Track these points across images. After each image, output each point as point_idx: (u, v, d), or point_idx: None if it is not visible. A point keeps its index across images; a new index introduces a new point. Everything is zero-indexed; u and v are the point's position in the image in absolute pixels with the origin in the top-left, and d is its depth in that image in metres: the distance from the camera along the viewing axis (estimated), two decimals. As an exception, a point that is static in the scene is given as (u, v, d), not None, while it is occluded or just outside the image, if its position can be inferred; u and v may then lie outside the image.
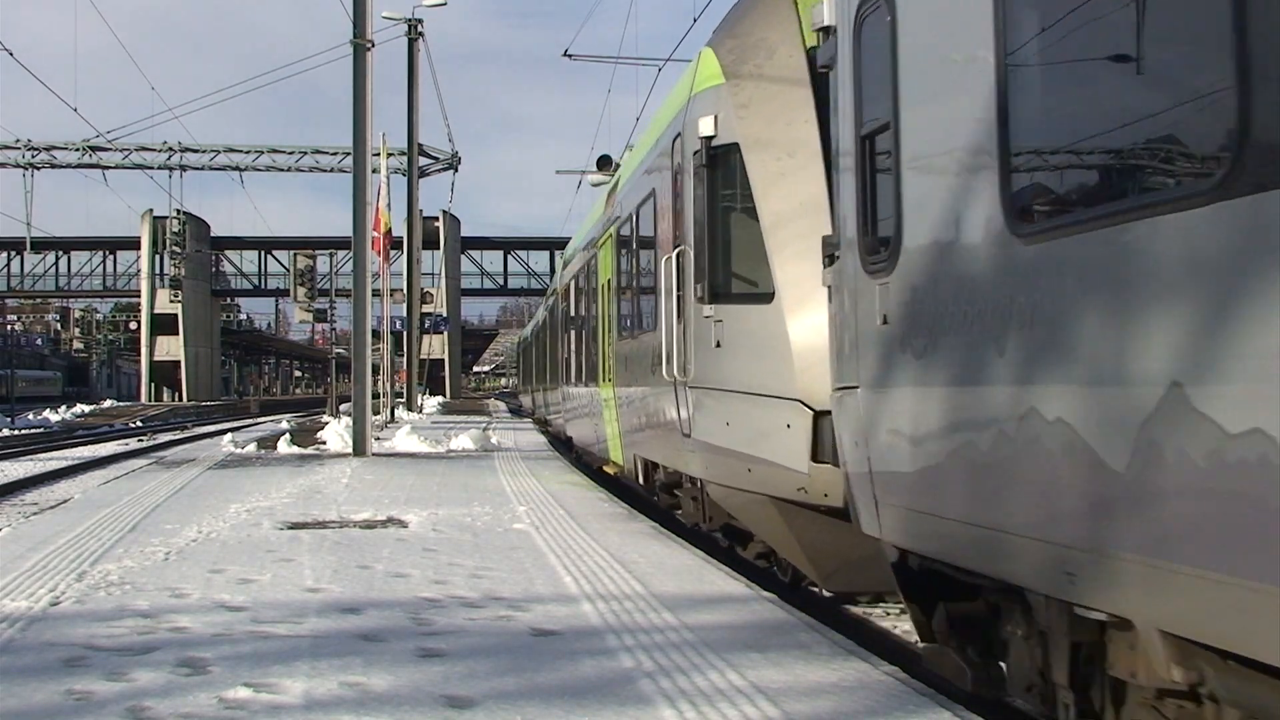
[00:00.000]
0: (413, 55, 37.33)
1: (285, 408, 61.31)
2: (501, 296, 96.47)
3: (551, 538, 9.03)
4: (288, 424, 30.07)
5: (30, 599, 6.54)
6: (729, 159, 8.21)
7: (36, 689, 4.63)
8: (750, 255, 7.98)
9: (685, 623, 5.82)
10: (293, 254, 46.78)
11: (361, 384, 18.72)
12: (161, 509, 11.15)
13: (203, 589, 6.85)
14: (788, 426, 7.28)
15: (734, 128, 8.14)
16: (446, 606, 6.30)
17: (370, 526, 9.77)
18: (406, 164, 40.24)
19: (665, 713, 4.29)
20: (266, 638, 5.56)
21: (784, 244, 7.63)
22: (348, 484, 13.57)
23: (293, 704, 4.44)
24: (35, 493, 18.45)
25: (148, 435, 35.57)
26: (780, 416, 7.36)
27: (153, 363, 73.36)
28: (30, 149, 62.47)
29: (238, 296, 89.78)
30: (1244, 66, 2.89)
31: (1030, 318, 3.88)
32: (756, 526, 8.46)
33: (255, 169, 65.80)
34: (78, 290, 79.92)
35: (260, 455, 19.28)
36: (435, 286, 67.91)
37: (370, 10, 19.04)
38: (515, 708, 4.35)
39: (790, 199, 7.74)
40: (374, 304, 23.71)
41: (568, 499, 12.03)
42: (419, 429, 22.64)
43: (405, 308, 39.03)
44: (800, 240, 7.41)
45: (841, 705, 4.40)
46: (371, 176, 19.95)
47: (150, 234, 70.86)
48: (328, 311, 46.69)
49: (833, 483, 6.77)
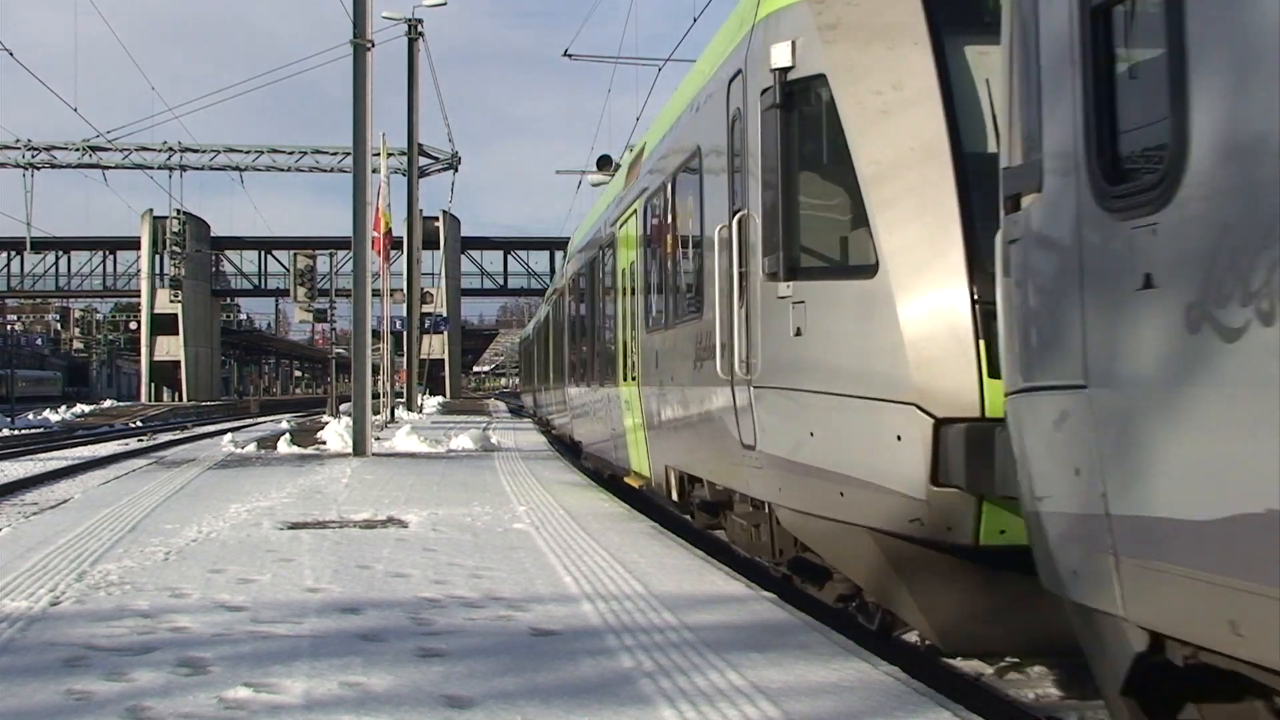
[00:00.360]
0: (413, 55, 37.34)
1: (285, 408, 61.30)
2: (501, 296, 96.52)
3: (551, 538, 9.03)
4: (288, 424, 30.06)
5: (30, 599, 6.54)
6: (812, 95, 6.58)
7: (36, 689, 4.63)
8: (843, 217, 6.39)
9: (685, 622, 5.82)
10: (293, 254, 46.78)
11: (361, 384, 18.72)
12: (161, 509, 11.14)
13: (203, 589, 6.85)
14: (898, 438, 5.70)
15: (819, 55, 6.43)
16: (446, 606, 6.30)
17: (370, 526, 9.77)
18: (406, 164, 40.24)
19: (665, 713, 4.29)
20: (266, 638, 5.56)
21: (891, 200, 5.96)
22: (348, 484, 13.57)
23: (293, 704, 4.44)
24: (35, 493, 18.45)
25: (148, 435, 35.57)
26: (887, 425, 5.79)
27: (153, 363, 73.35)
28: (30, 149, 62.48)
29: (238, 296, 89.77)
30: None
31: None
32: (845, 564, 6.79)
33: (255, 169, 65.85)
34: (78, 290, 79.89)
35: (260, 455, 19.27)
36: (435, 286, 67.92)
37: (370, 10, 19.04)
38: (515, 708, 4.35)
39: (897, 143, 6.05)
40: (374, 304, 23.71)
41: (568, 499, 12.02)
42: (419, 429, 22.62)
43: (405, 308, 39.04)
44: (912, 196, 5.90)
45: (842, 705, 4.40)
46: (371, 176, 19.94)
47: (150, 234, 70.87)
48: (328, 311, 46.70)
49: (959, 512, 5.47)
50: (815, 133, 6.66)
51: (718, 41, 8.91)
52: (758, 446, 7.28)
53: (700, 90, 9.13)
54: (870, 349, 5.99)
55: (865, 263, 6.05)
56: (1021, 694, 6.42)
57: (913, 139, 6.01)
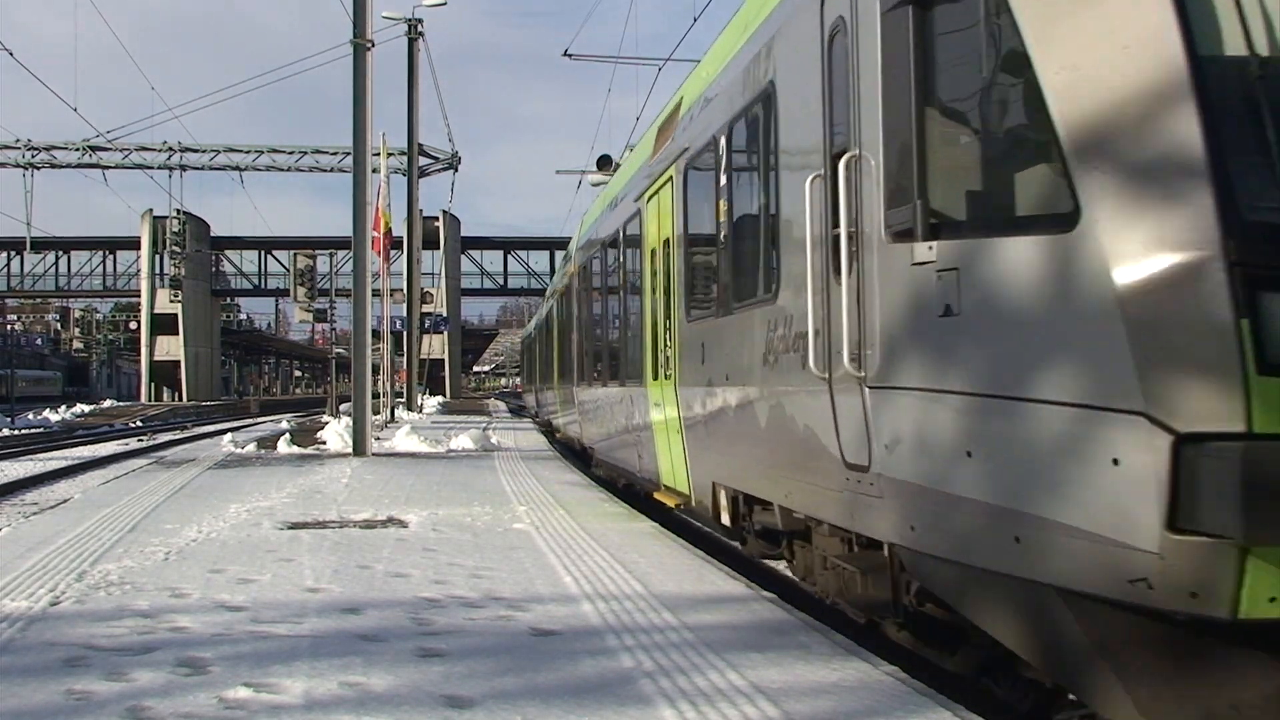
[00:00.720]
0: (413, 55, 37.33)
1: (285, 408, 61.32)
2: (501, 296, 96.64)
3: (551, 537, 9.02)
4: (288, 424, 30.08)
5: (30, 599, 6.54)
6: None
7: (36, 689, 4.63)
8: (1019, 148, 4.65)
9: (685, 622, 5.82)
10: (293, 254, 46.78)
11: (361, 384, 18.72)
12: (161, 509, 11.14)
13: (203, 589, 6.84)
14: (1114, 462, 4.04)
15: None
16: (446, 606, 6.30)
17: (370, 526, 9.77)
18: (406, 164, 40.24)
19: (665, 713, 4.29)
20: (266, 638, 5.55)
21: (1096, 121, 4.20)
22: (348, 484, 13.56)
23: (293, 704, 4.43)
24: (35, 492, 18.45)
25: (148, 435, 35.58)
26: (1098, 443, 4.10)
27: (153, 363, 73.36)
28: (30, 149, 62.50)
29: (238, 296, 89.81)
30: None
31: None
32: (1009, 632, 4.97)
33: (255, 169, 65.90)
34: (78, 290, 79.91)
35: (260, 455, 19.27)
36: (435, 286, 67.94)
37: (370, 10, 19.04)
38: (515, 708, 4.35)
39: (1103, 39, 4.27)
40: (374, 304, 23.71)
41: (568, 499, 12.02)
42: (419, 429, 22.63)
43: (405, 308, 39.04)
44: (1129, 113, 4.13)
45: (842, 705, 4.39)
46: (371, 176, 19.94)
47: (150, 234, 70.90)
48: (328, 311, 46.75)
49: (1210, 571, 3.85)
50: (970, 32, 4.83)
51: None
52: (873, 468, 5.50)
53: (772, 12, 7.33)
54: (1069, 333, 4.24)
55: (1058, 209, 4.29)
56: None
57: (1127, 33, 4.23)
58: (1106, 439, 4.05)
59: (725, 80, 8.55)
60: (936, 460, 4.97)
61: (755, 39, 7.68)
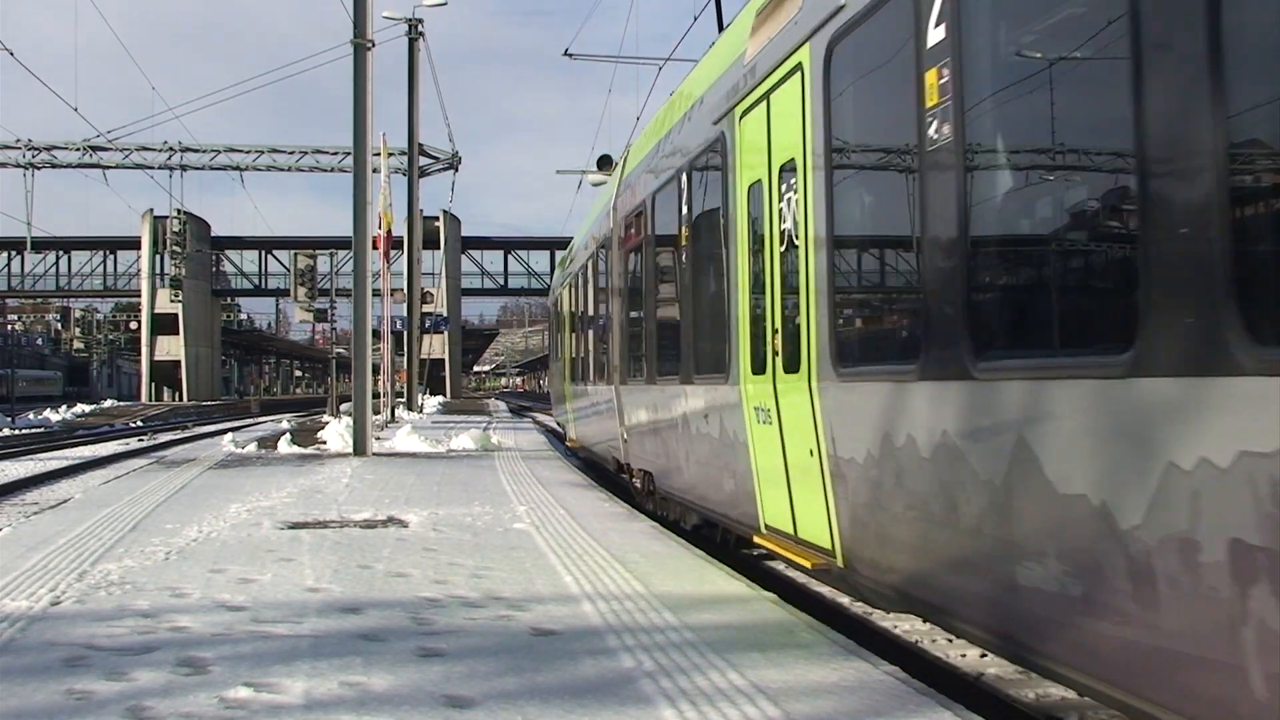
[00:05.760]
0: (413, 55, 37.36)
1: (285, 407, 61.32)
2: (501, 296, 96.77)
3: (552, 537, 9.03)
4: (288, 424, 30.09)
5: (31, 599, 6.54)
6: None
7: (37, 689, 4.63)
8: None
9: (685, 622, 5.82)
10: (293, 254, 46.74)
11: (362, 384, 18.72)
12: (162, 509, 11.14)
13: (203, 589, 6.85)
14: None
15: None
16: (447, 606, 6.30)
17: (370, 526, 9.77)
18: (407, 164, 40.26)
19: (665, 713, 4.29)
20: (267, 637, 5.56)
21: None
22: (348, 484, 13.57)
23: (293, 704, 4.44)
24: (35, 492, 18.44)
25: (148, 435, 35.56)
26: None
27: (153, 362, 73.40)
28: (30, 149, 62.54)
29: (238, 296, 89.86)
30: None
31: None
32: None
33: (255, 169, 65.93)
34: (78, 290, 79.93)
35: (261, 455, 19.28)
36: (435, 286, 67.95)
37: (370, 10, 19.04)
38: (515, 708, 4.35)
39: None
40: (374, 304, 23.68)
41: (568, 499, 12.02)
42: (419, 429, 22.64)
43: (405, 307, 39.06)
44: None
45: (842, 705, 4.39)
46: (372, 176, 19.93)
47: (150, 234, 70.94)
48: (328, 311, 46.64)
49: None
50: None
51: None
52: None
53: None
54: None
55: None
56: (1022, 694, 6.27)
57: None
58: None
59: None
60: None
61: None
